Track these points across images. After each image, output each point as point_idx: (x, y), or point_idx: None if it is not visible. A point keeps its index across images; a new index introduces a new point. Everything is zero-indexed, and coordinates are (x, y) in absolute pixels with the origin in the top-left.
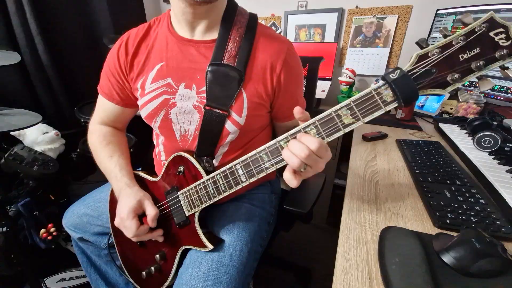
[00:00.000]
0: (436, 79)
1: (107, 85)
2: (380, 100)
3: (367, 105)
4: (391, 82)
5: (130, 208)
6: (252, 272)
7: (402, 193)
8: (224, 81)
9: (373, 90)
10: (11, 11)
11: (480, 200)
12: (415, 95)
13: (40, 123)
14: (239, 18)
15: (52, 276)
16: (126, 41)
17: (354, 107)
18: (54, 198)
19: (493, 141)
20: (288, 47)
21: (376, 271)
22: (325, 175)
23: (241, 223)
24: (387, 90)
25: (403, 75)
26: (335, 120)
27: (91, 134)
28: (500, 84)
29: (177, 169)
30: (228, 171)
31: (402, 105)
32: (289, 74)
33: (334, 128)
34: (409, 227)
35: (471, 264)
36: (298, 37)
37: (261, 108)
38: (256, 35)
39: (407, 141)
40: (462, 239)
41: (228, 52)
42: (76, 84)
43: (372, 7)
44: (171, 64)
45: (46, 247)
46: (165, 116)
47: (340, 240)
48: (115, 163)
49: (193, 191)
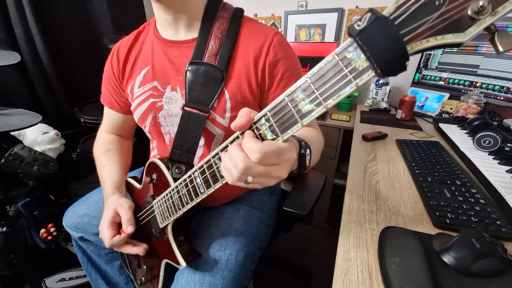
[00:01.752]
0: (445, 17)
1: (106, 94)
2: (348, 69)
3: (328, 80)
4: (356, 35)
5: (106, 218)
6: (249, 275)
7: (402, 193)
8: (204, 80)
9: (335, 55)
10: (11, 11)
11: (480, 200)
12: (400, 53)
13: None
14: (222, 13)
15: (52, 276)
16: (118, 50)
17: (312, 85)
18: (54, 198)
19: (493, 141)
20: (274, 36)
21: (376, 271)
22: (325, 176)
23: (238, 226)
24: (356, 51)
25: (376, 18)
26: (289, 107)
27: (96, 142)
28: (500, 84)
29: (151, 177)
30: (188, 180)
31: (380, 73)
32: (275, 65)
33: (290, 121)
34: (409, 227)
35: (471, 264)
36: (298, 37)
37: (242, 97)
38: (240, 31)
39: (407, 141)
40: (462, 239)
41: (209, 51)
42: (76, 84)
43: (372, 7)
44: (157, 67)
45: (46, 247)
46: (153, 120)
47: (340, 240)
48: (106, 172)
49: (163, 201)
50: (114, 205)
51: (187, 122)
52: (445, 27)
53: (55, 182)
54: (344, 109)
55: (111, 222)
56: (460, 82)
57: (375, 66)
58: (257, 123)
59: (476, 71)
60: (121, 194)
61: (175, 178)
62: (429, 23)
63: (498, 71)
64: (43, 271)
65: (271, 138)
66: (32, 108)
